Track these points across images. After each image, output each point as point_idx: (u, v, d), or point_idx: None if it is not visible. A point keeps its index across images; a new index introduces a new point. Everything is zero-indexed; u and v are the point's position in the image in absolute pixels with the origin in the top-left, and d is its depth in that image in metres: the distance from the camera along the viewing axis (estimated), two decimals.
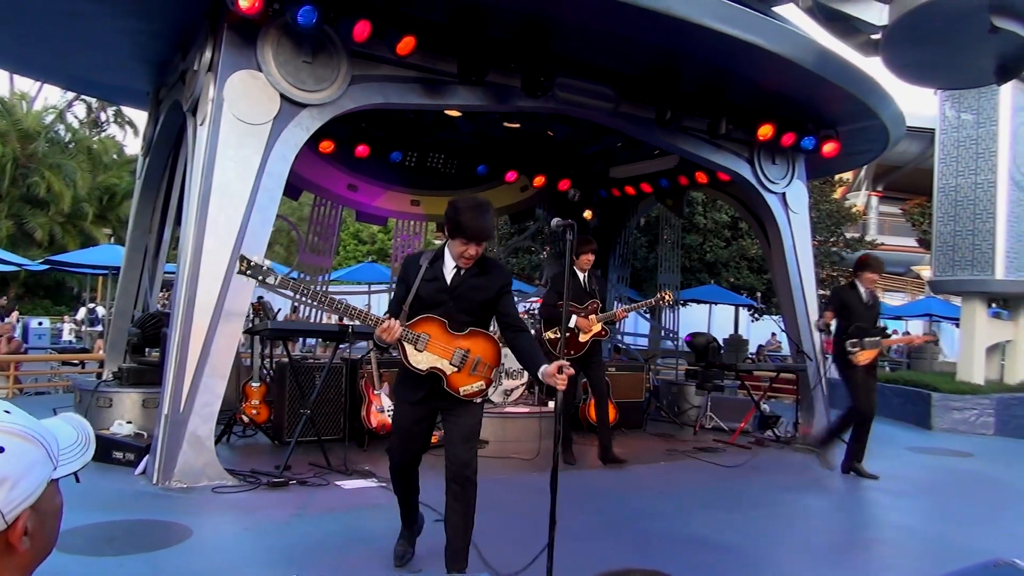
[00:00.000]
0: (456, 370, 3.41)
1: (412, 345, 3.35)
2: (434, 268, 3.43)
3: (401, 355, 3.38)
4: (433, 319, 3.39)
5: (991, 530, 5.06)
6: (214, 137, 5.36)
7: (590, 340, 6.35)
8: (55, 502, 1.05)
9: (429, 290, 3.41)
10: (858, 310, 6.40)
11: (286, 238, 26.46)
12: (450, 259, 3.44)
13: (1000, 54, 6.67)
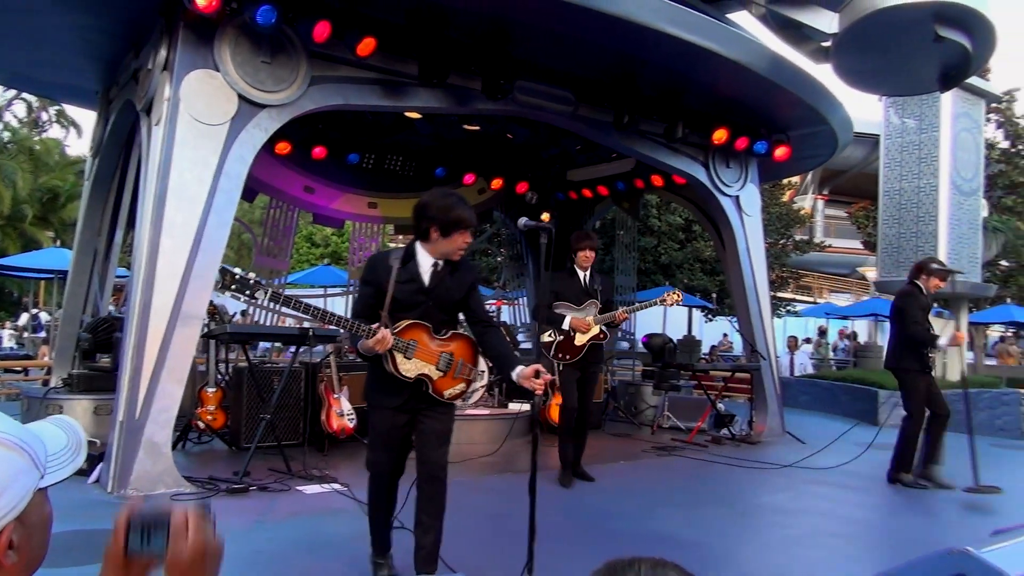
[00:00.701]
0: (442, 374, 3.40)
1: (402, 353, 3.30)
2: (408, 269, 3.35)
3: (388, 363, 3.29)
4: (419, 325, 3.35)
5: (939, 521, 5.25)
6: (170, 137, 5.25)
7: (587, 343, 5.78)
8: (43, 512, 1.00)
9: (405, 292, 3.33)
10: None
11: (236, 241, 25.99)
12: (425, 259, 3.37)
13: (943, 63, 6.92)
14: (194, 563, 1.02)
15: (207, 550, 1.04)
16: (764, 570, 4.12)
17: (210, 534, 1.05)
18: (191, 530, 1.03)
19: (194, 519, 1.04)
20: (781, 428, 8.65)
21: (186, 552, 1.02)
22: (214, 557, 1.05)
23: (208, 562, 1.04)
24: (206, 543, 1.04)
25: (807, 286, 30.01)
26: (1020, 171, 17.19)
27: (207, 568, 1.04)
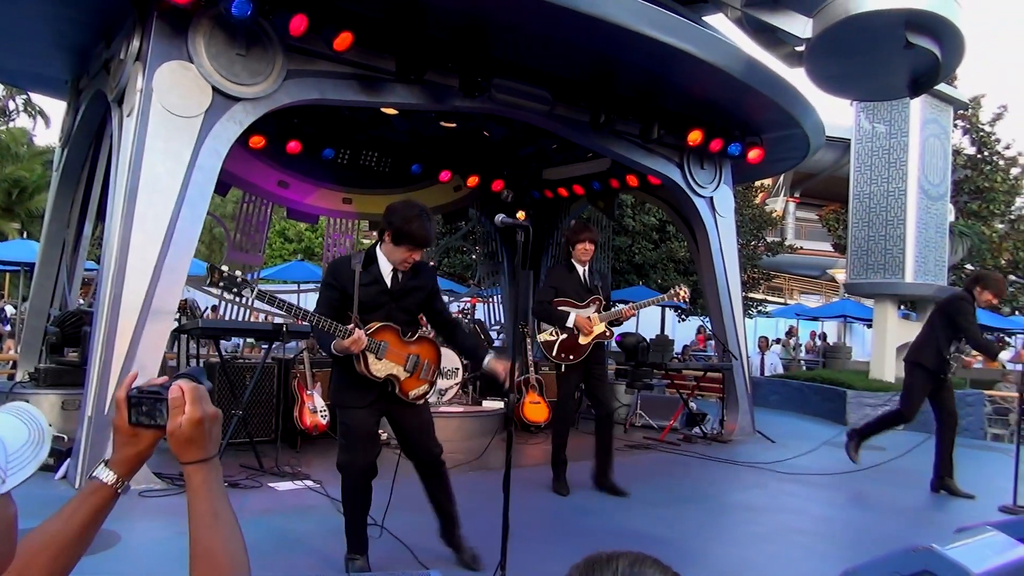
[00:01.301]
0: (408, 375, 3.54)
1: (373, 354, 3.41)
2: (370, 272, 3.47)
3: (359, 363, 3.39)
4: (388, 327, 3.48)
5: (905, 518, 5.35)
6: (142, 129, 5.17)
7: (592, 343, 5.49)
8: (7, 515, 0.93)
9: (369, 294, 3.45)
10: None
11: (209, 235, 25.70)
12: (385, 262, 3.50)
13: (913, 69, 7.04)
14: (193, 433, 1.09)
15: (203, 420, 1.10)
16: (734, 566, 4.18)
17: (205, 404, 1.11)
18: (187, 403, 1.10)
19: (190, 393, 1.10)
20: (751, 427, 8.76)
21: (184, 423, 1.09)
22: (211, 423, 1.12)
23: (206, 429, 1.11)
24: (202, 414, 1.10)
25: (778, 287, 30.38)
26: (985, 177, 17.54)
27: (206, 435, 1.11)
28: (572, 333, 5.43)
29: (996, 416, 12.04)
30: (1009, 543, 3.37)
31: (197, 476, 1.10)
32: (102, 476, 1.12)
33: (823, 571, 3.71)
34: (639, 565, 0.80)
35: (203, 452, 1.11)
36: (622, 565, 0.79)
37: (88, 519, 1.10)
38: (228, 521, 1.10)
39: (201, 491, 1.10)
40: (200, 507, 1.09)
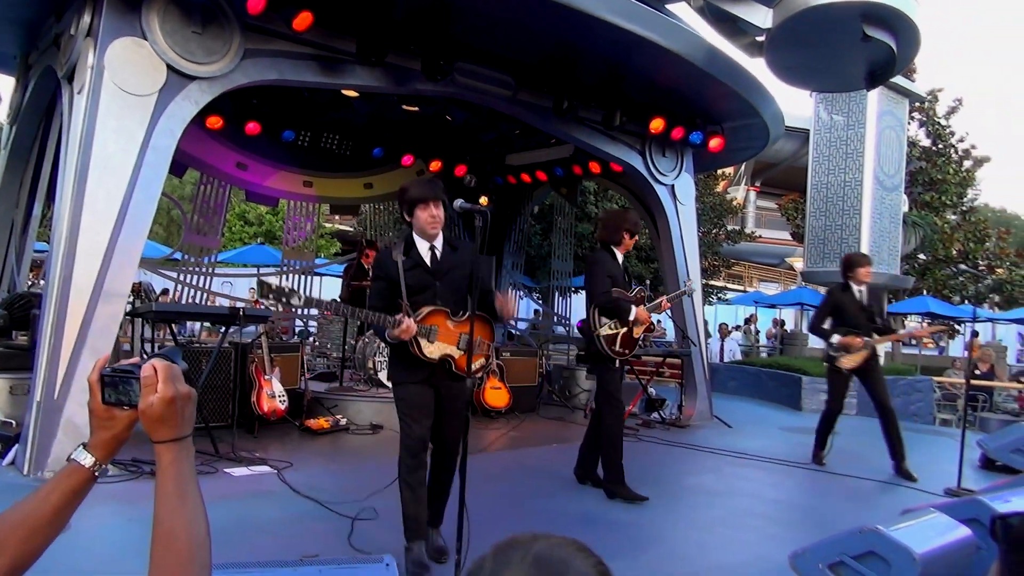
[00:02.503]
0: (462, 353, 3.68)
1: (425, 338, 3.59)
2: (411, 257, 3.68)
3: (413, 348, 3.57)
4: (438, 311, 3.66)
5: (855, 501, 5.49)
6: (93, 107, 5.03)
7: (641, 335, 5.29)
8: None
9: (414, 277, 3.64)
10: (852, 312, 6.32)
11: (166, 217, 25.16)
12: (422, 243, 3.71)
13: (870, 61, 7.16)
14: (165, 412, 1.09)
15: (176, 399, 1.09)
16: (688, 548, 4.25)
17: (178, 383, 1.11)
18: (160, 381, 1.09)
19: (162, 371, 1.10)
20: (709, 412, 8.89)
21: (156, 402, 1.08)
22: (184, 402, 1.11)
23: (178, 408, 1.10)
24: (175, 393, 1.10)
25: (738, 275, 30.83)
26: (939, 169, 17.95)
27: (177, 414, 1.10)
28: (630, 326, 5.14)
29: (944, 402, 12.39)
30: (952, 524, 3.49)
31: (167, 455, 1.10)
32: (79, 458, 1.11)
33: (774, 552, 3.79)
34: (558, 548, 0.79)
35: (175, 431, 1.10)
36: (539, 546, 0.79)
37: (63, 501, 1.09)
38: (194, 503, 1.09)
39: (169, 471, 1.09)
40: (166, 487, 1.08)
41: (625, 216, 5.41)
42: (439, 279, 3.70)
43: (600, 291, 5.10)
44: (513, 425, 7.86)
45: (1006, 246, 19.42)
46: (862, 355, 6.24)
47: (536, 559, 0.77)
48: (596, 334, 5.07)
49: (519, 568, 0.76)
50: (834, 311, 6.42)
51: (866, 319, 6.34)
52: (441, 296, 3.69)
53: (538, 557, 0.77)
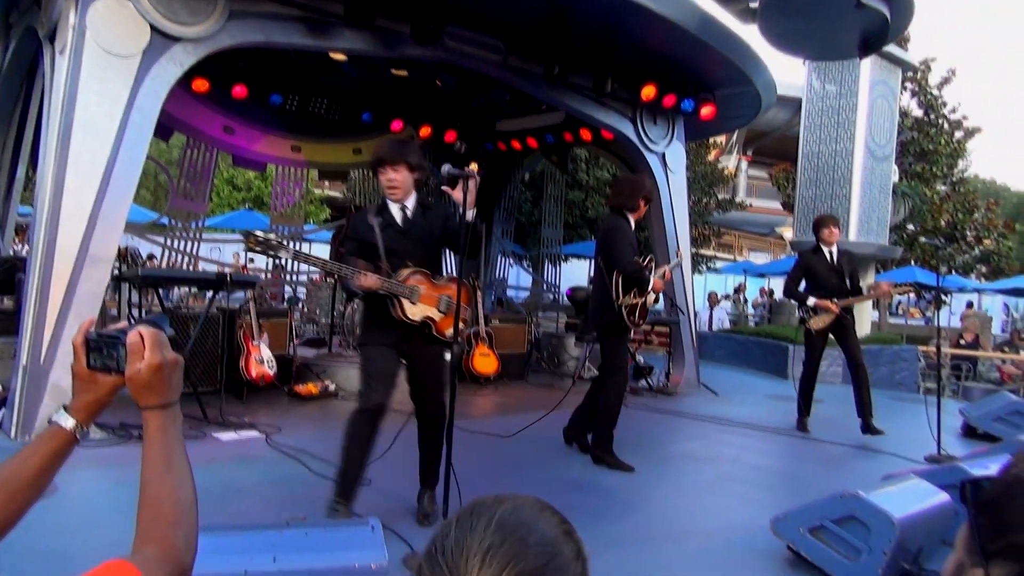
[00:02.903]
0: (443, 315, 3.68)
1: (408, 299, 3.57)
2: (385, 217, 3.68)
3: (395, 308, 3.55)
4: (420, 272, 3.65)
5: (837, 467, 5.57)
6: (76, 68, 4.94)
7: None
8: None
9: (389, 237, 3.64)
10: (822, 274, 6.39)
11: (153, 181, 24.91)
12: (393, 204, 3.71)
13: (863, 29, 7.10)
14: (152, 378, 1.09)
15: (163, 365, 1.09)
16: (672, 513, 4.31)
17: (165, 350, 1.10)
18: (147, 348, 1.09)
19: (149, 338, 1.09)
20: (697, 380, 8.96)
21: (143, 369, 1.08)
22: (171, 369, 1.11)
23: (165, 375, 1.10)
24: (162, 360, 1.09)
25: (728, 244, 30.89)
26: (930, 139, 17.93)
27: (165, 381, 1.10)
28: (646, 295, 5.06)
29: (929, 371, 12.51)
30: (931, 490, 3.55)
31: (154, 421, 1.10)
32: (60, 421, 1.11)
33: (757, 517, 3.85)
34: (521, 510, 0.79)
35: (162, 398, 1.10)
36: (503, 509, 0.79)
37: (44, 463, 1.09)
38: (181, 469, 1.09)
39: (156, 437, 1.09)
40: (154, 453, 1.08)
41: (642, 182, 5.32)
42: (410, 238, 3.69)
43: (627, 260, 4.95)
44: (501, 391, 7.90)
45: (994, 217, 19.50)
46: (831, 316, 6.30)
47: (500, 523, 0.77)
48: (619, 303, 4.95)
49: (484, 533, 0.76)
50: (806, 274, 6.49)
51: (837, 280, 6.41)
52: (413, 255, 3.67)
53: (501, 521, 0.77)
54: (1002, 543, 0.72)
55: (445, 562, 0.75)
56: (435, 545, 0.78)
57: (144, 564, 0.95)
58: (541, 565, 0.75)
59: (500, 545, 0.75)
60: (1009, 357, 12.60)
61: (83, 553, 3.09)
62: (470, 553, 0.74)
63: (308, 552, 2.35)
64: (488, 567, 0.73)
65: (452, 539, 0.77)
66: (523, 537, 0.76)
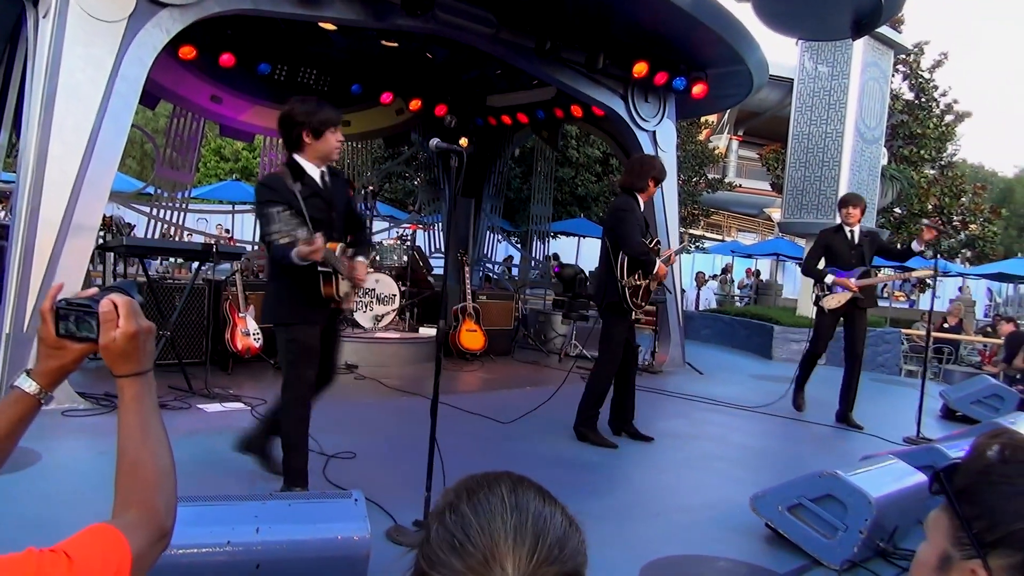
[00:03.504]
0: (351, 291, 3.58)
1: (342, 274, 3.42)
2: (306, 184, 3.39)
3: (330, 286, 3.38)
4: (340, 246, 3.47)
5: (817, 447, 5.64)
6: (59, 32, 4.86)
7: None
8: None
9: (313, 207, 3.36)
10: (842, 253, 6.20)
11: (139, 150, 24.66)
12: (312, 169, 3.46)
13: (857, 10, 7.08)
14: (127, 347, 1.08)
15: (138, 333, 1.09)
16: (655, 489, 4.36)
17: (139, 318, 1.10)
18: (121, 317, 1.08)
19: (123, 306, 1.09)
20: (682, 359, 9.02)
21: (119, 337, 1.07)
22: (146, 336, 1.11)
23: (140, 342, 1.09)
24: (137, 328, 1.09)
25: (717, 224, 30.92)
26: (920, 123, 17.95)
27: (140, 348, 1.10)
28: (651, 279, 5.07)
29: (912, 354, 12.66)
30: (908, 470, 3.60)
31: (130, 389, 1.10)
32: (24, 386, 1.10)
33: (737, 494, 3.90)
34: (521, 489, 0.81)
35: (137, 365, 1.10)
36: (506, 492, 0.80)
37: (8, 429, 1.09)
38: (158, 435, 1.10)
39: (133, 404, 1.09)
40: (130, 420, 1.09)
41: (652, 163, 5.26)
42: (332, 208, 3.49)
43: (635, 241, 4.95)
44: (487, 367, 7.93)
45: (981, 202, 19.61)
46: (847, 296, 6.11)
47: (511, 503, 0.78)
48: (623, 284, 4.96)
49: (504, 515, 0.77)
50: (826, 252, 6.32)
51: (856, 261, 6.21)
52: (336, 227, 3.48)
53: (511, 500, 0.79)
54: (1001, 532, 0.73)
55: (478, 550, 0.74)
56: (455, 537, 0.76)
57: (126, 527, 0.95)
58: (561, 535, 0.77)
59: (524, 524, 0.76)
60: (990, 342, 12.74)
61: (69, 521, 3.07)
62: (499, 536, 0.75)
63: (291, 523, 2.37)
64: (522, 546, 0.74)
65: (476, 526, 0.76)
66: (538, 513, 0.78)
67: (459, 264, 8.64)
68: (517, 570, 0.73)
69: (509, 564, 0.73)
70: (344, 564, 2.36)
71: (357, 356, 7.33)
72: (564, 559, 0.76)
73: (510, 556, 0.74)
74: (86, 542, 0.90)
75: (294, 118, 3.37)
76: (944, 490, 0.78)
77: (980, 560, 0.73)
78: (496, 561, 0.74)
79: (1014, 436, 0.77)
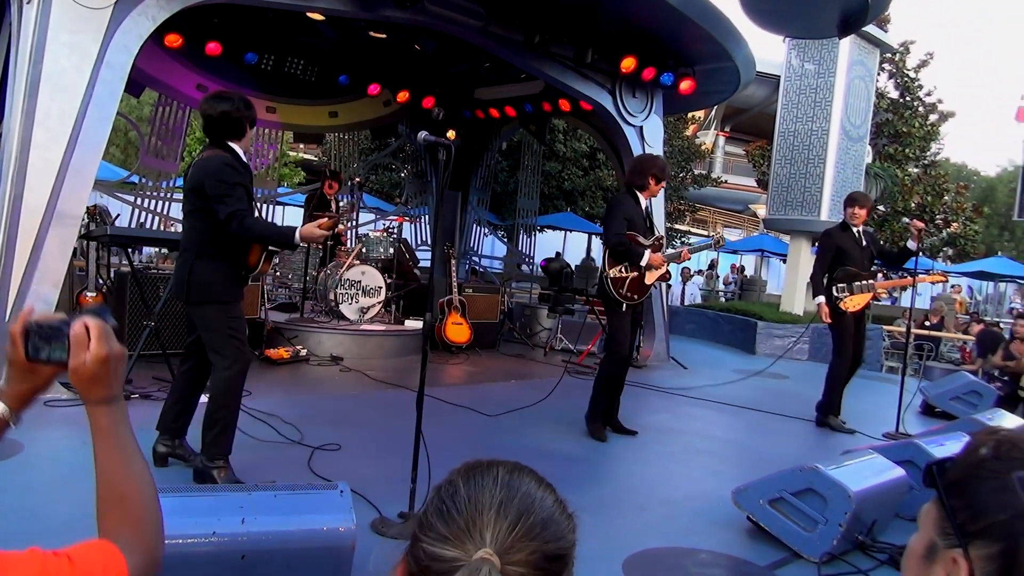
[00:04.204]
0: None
1: None
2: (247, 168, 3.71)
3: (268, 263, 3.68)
4: None
5: (799, 441, 5.71)
6: (44, 19, 4.81)
7: (654, 283, 5.26)
8: None
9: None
10: (853, 253, 5.97)
11: (123, 139, 24.38)
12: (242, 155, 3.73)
13: (844, 9, 7.12)
14: (98, 370, 1.05)
15: (110, 357, 1.06)
16: (638, 483, 4.40)
17: (111, 342, 1.07)
18: (92, 340, 1.05)
19: (95, 329, 1.06)
20: (666, 354, 9.07)
21: (89, 361, 1.04)
22: (117, 361, 1.07)
23: (112, 367, 1.06)
24: (108, 351, 1.06)
25: (703, 219, 31.05)
26: (905, 122, 18.09)
27: (111, 373, 1.06)
28: (641, 272, 5.08)
29: (893, 350, 12.79)
30: (887, 465, 3.65)
31: (105, 418, 1.06)
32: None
33: (719, 488, 3.94)
34: (517, 473, 0.85)
35: (108, 391, 1.06)
36: (501, 472, 0.85)
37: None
38: (139, 464, 1.07)
39: (110, 434, 1.06)
40: (110, 451, 1.05)
41: (653, 161, 5.29)
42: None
43: (612, 232, 5.04)
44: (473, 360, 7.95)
45: (963, 201, 19.81)
46: (867, 296, 5.95)
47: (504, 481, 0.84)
48: (604, 275, 5.07)
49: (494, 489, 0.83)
50: (836, 253, 6.01)
51: (867, 262, 6.05)
52: None
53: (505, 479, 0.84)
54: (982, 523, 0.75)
55: (461, 517, 0.80)
56: (444, 503, 0.83)
57: (124, 547, 0.95)
58: (547, 517, 0.82)
59: (511, 500, 0.82)
60: (971, 339, 12.90)
61: (49, 511, 3.08)
62: (484, 507, 0.80)
63: (276, 514, 2.37)
64: (503, 519, 0.79)
65: (463, 496, 0.82)
66: (528, 493, 0.83)
67: (445, 257, 8.64)
68: (495, 540, 0.78)
69: (488, 533, 0.78)
70: (329, 555, 2.37)
71: (342, 348, 7.34)
72: (545, 538, 0.80)
73: (490, 526, 0.79)
74: (88, 551, 0.91)
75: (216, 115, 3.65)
76: (934, 483, 0.80)
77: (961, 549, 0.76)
78: (476, 529, 0.79)
79: (1011, 433, 0.80)
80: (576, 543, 0.84)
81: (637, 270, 5.06)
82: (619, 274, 5.04)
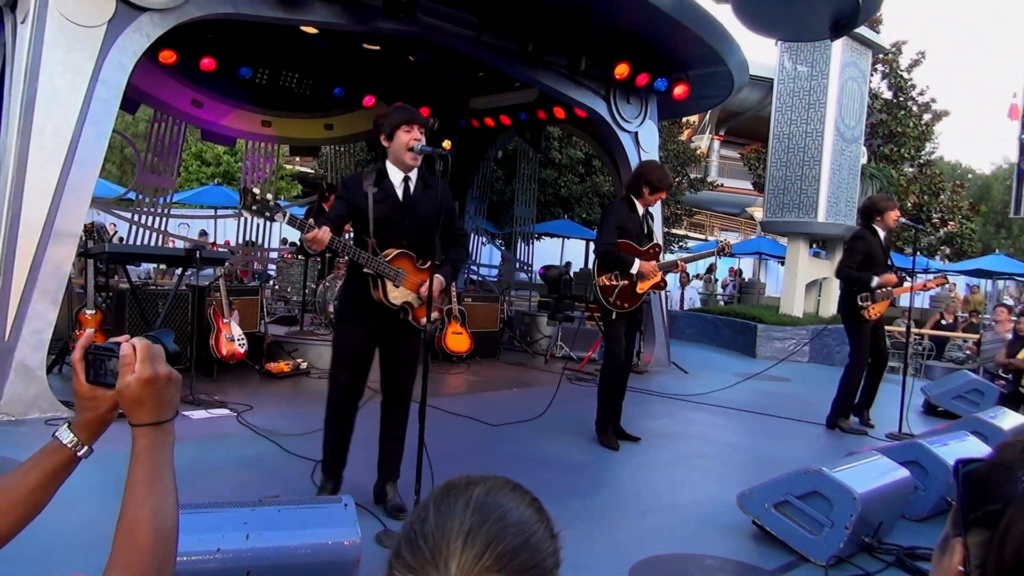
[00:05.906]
0: (421, 303, 3.51)
1: (392, 281, 3.43)
2: (383, 188, 3.46)
3: (377, 290, 3.42)
4: (405, 254, 3.49)
5: (803, 444, 5.69)
6: (38, 38, 4.82)
7: (647, 291, 5.20)
8: None
9: (382, 210, 3.44)
10: (880, 257, 5.84)
11: (119, 155, 24.42)
12: (396, 174, 3.50)
13: (835, 11, 7.15)
14: (141, 393, 1.02)
15: (153, 379, 1.03)
16: (641, 489, 4.39)
17: (158, 364, 1.04)
18: (137, 361, 1.02)
19: (141, 350, 1.03)
20: (667, 359, 9.06)
21: (133, 383, 1.02)
22: (164, 384, 1.04)
23: (155, 390, 1.03)
24: (153, 374, 1.03)
25: (700, 223, 31.09)
26: (899, 122, 18.14)
27: (155, 396, 1.04)
28: (632, 280, 5.04)
29: (894, 350, 12.78)
30: (891, 466, 3.64)
31: (142, 440, 1.04)
32: (62, 437, 1.07)
33: (723, 492, 3.93)
34: (495, 492, 0.82)
35: (153, 415, 1.04)
36: (478, 492, 0.81)
37: (42, 479, 1.05)
38: (164, 493, 1.04)
39: (142, 456, 1.03)
40: (137, 473, 1.03)
41: (650, 169, 5.22)
42: (408, 215, 3.49)
43: (600, 241, 5.04)
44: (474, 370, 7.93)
45: (959, 200, 19.84)
46: (887, 302, 5.88)
47: (477, 505, 0.79)
48: (594, 282, 5.08)
49: (463, 516, 0.77)
50: (863, 258, 5.82)
51: (888, 263, 6.00)
52: (408, 234, 3.49)
53: (478, 503, 0.79)
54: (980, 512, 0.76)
55: (427, 546, 0.76)
56: (413, 529, 0.78)
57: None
58: (519, 544, 0.76)
59: (480, 527, 0.76)
60: (970, 336, 12.90)
61: (52, 529, 3.05)
62: (451, 536, 0.75)
63: (281, 529, 2.36)
64: (471, 548, 0.74)
65: (432, 523, 0.77)
66: (501, 517, 0.78)
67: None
68: (461, 570, 0.73)
69: (453, 564, 0.74)
70: (334, 569, 2.36)
71: None
72: (515, 568, 0.75)
73: (456, 556, 0.74)
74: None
75: (375, 125, 3.55)
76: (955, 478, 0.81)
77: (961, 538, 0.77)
78: (441, 558, 0.74)
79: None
80: (559, 565, 0.79)
81: (628, 279, 5.03)
82: (608, 282, 5.04)
